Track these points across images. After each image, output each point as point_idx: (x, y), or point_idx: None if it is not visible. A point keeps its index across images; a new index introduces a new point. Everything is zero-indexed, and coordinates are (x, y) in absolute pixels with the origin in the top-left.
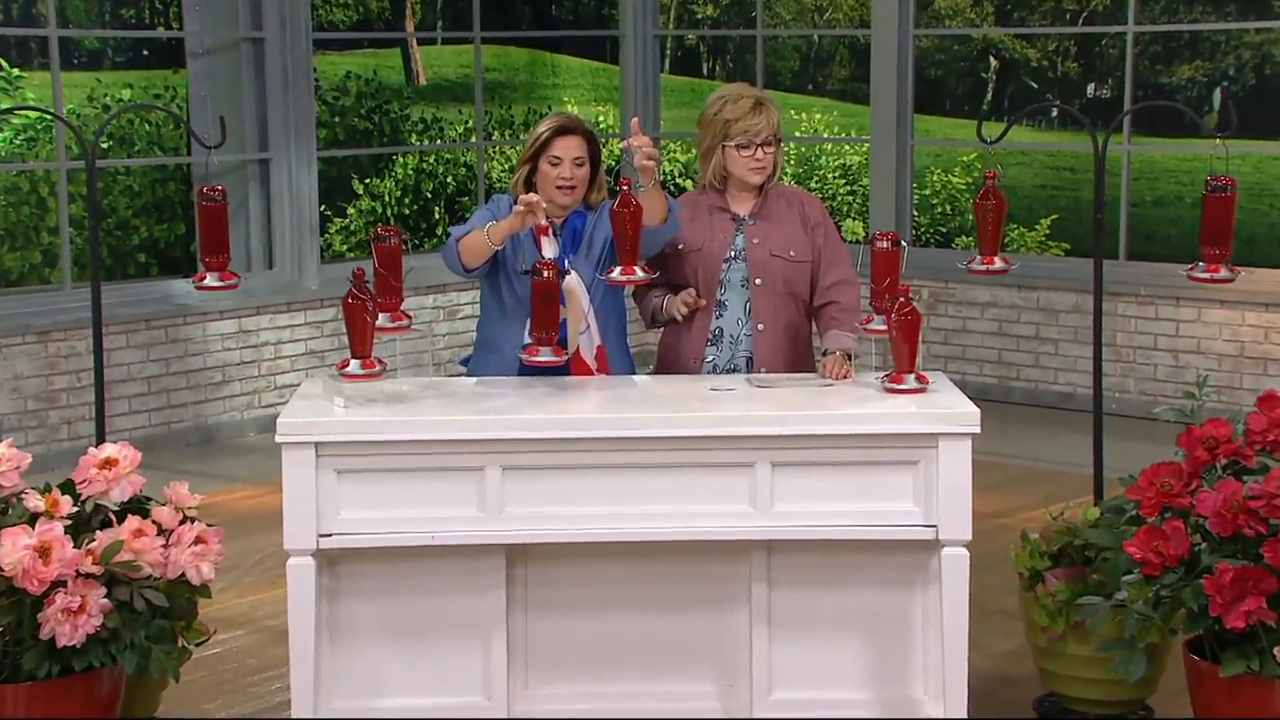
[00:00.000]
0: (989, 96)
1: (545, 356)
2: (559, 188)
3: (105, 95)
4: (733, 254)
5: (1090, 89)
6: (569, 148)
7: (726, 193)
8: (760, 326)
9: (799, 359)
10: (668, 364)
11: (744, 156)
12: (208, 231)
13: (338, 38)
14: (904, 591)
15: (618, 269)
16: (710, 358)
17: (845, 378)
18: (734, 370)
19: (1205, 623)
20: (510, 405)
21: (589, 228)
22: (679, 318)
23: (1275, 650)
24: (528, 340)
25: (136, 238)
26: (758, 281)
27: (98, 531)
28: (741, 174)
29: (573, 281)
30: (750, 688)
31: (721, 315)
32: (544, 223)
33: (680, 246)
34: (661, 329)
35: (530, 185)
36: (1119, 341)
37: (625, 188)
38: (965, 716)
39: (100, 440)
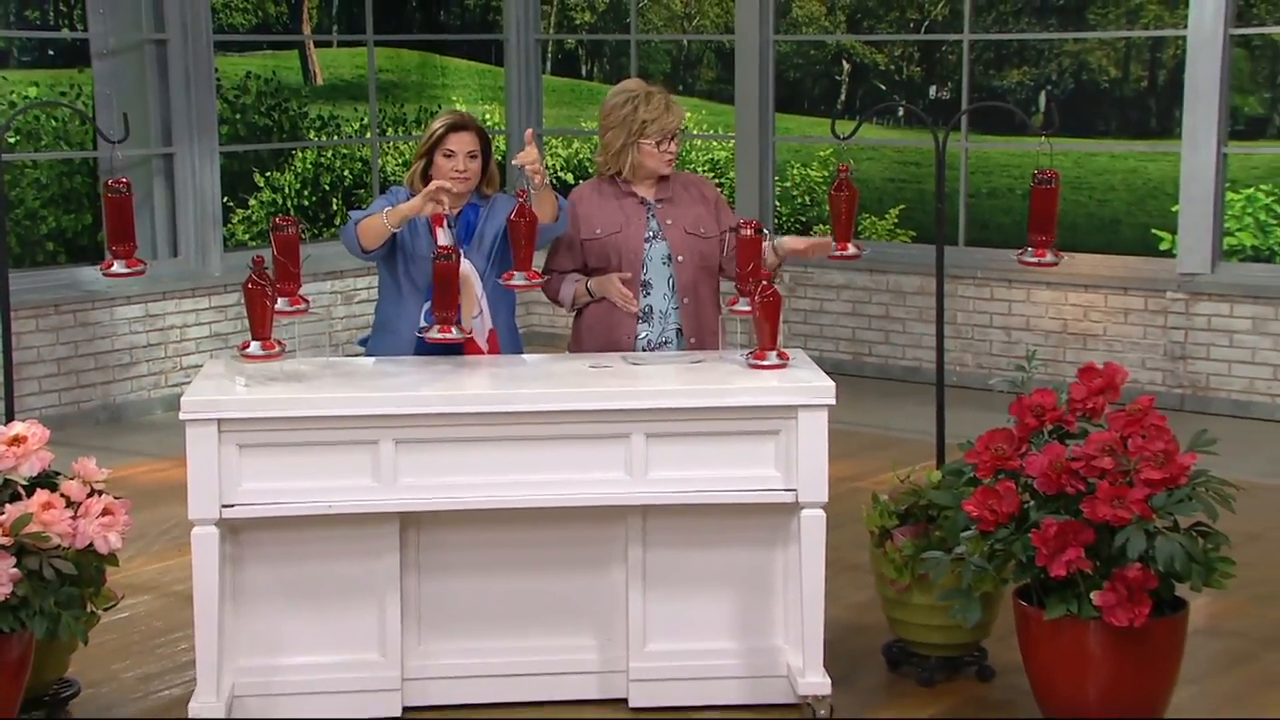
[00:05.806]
0: (842, 97)
1: (453, 334)
2: (453, 179)
3: (12, 92)
4: (651, 234)
5: (932, 91)
6: (462, 142)
7: (631, 182)
8: (685, 300)
9: (716, 328)
10: (593, 342)
11: (660, 151)
12: (114, 221)
13: (238, 39)
14: (767, 550)
15: (518, 274)
16: (643, 334)
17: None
18: (666, 343)
19: (1032, 572)
20: (403, 383)
21: (481, 220)
22: (634, 308)
23: (1091, 595)
24: (424, 322)
25: (45, 227)
26: (680, 258)
27: (7, 505)
28: (655, 166)
29: (467, 269)
30: (626, 641)
31: (649, 293)
32: (446, 209)
33: (598, 231)
34: (578, 310)
35: (426, 179)
36: (959, 320)
37: (521, 199)
38: (821, 662)
39: (10, 419)
